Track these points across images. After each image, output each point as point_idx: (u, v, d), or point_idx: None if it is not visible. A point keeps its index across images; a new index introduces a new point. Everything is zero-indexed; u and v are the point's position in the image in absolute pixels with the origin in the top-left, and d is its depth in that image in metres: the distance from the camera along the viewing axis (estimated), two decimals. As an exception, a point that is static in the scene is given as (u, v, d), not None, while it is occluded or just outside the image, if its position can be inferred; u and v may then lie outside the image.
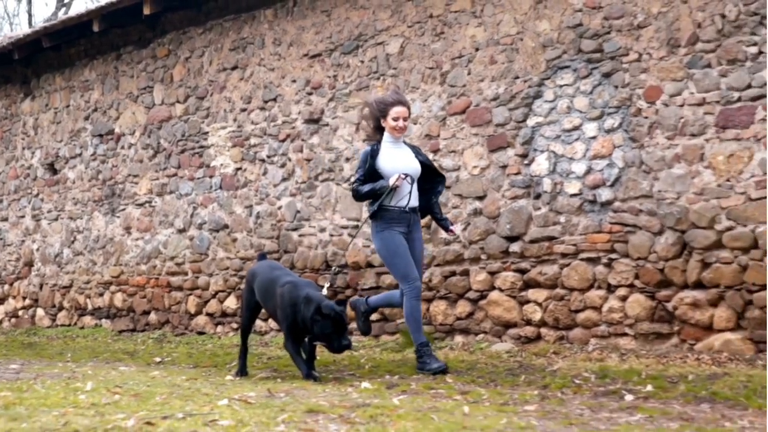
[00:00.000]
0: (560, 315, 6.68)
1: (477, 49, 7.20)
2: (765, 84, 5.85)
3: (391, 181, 5.84)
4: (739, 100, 5.96)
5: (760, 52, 5.88)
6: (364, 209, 7.77)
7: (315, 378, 5.57)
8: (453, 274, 7.26)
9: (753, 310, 5.88)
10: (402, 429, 3.79)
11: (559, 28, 6.77)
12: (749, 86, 5.92)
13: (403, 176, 5.86)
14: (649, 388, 4.92)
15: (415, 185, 6.00)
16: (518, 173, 6.94)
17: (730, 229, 5.97)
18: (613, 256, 6.46)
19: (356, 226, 7.76)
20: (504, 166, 7.02)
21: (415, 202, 6.01)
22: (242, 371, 6.03)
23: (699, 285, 6.10)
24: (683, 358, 5.93)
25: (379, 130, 6.07)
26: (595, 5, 6.58)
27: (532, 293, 6.84)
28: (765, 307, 5.82)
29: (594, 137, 6.57)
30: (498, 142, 7.06)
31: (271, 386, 5.25)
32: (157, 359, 7.42)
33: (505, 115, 7.02)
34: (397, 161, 5.97)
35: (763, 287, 5.82)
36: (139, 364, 7.08)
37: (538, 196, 6.84)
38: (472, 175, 7.18)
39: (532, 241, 6.85)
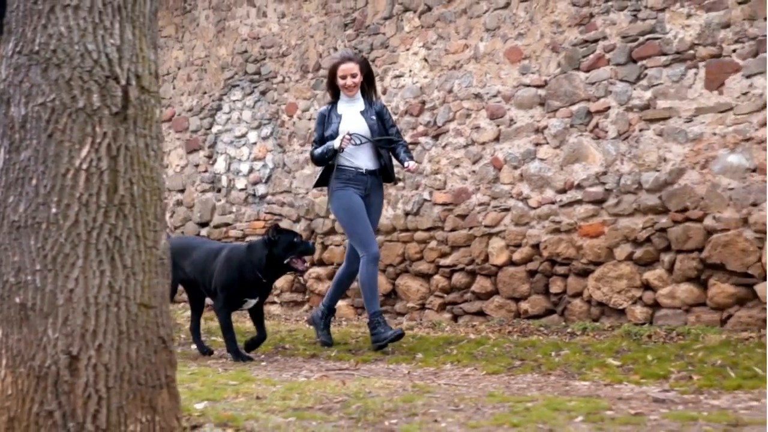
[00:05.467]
0: (233, 287, 8.23)
1: (179, 68, 8.71)
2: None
3: (336, 143, 5.55)
4: (344, 116, 7.51)
5: (359, 79, 7.43)
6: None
7: (245, 358, 5.42)
8: (162, 253, 8.78)
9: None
10: None
11: (232, 54, 8.30)
12: (351, 105, 7.48)
13: (348, 137, 5.54)
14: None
15: (368, 147, 5.70)
16: (206, 171, 8.48)
17: (339, 218, 7.54)
18: (270, 239, 8.01)
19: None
20: (197, 165, 8.56)
21: (371, 164, 5.71)
22: None
23: (321, 262, 7.67)
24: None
25: (338, 92, 5.77)
26: (255, 36, 8.11)
27: (215, 269, 8.37)
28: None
29: (255, 143, 8.12)
30: (193, 145, 8.60)
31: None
32: None
33: (197, 123, 8.56)
34: (343, 122, 5.67)
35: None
36: None
37: (219, 190, 8.39)
38: (175, 172, 8.72)
39: (216, 226, 8.40)
